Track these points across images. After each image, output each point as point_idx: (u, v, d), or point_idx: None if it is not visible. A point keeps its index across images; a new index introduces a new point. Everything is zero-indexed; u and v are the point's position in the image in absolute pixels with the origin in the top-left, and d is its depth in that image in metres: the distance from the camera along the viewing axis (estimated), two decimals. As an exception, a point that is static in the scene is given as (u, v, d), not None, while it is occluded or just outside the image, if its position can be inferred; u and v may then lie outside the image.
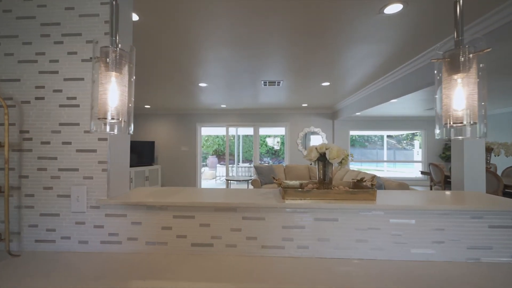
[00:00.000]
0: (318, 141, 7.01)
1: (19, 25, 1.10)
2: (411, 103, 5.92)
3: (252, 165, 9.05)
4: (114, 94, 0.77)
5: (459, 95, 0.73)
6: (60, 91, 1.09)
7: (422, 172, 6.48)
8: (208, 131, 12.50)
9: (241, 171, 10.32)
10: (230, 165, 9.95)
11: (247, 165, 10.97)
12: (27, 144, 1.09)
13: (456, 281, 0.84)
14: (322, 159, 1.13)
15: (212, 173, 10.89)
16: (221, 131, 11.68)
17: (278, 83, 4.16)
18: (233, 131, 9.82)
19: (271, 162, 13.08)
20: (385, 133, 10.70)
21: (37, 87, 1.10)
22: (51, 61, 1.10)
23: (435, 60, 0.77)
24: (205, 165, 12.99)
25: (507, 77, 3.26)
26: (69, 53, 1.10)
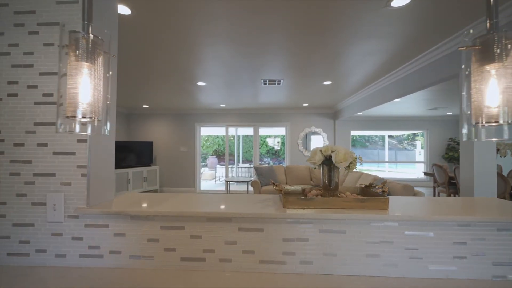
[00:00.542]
0: (319, 142, 6.89)
1: (-11, 13, 0.99)
2: (414, 103, 5.80)
3: (252, 166, 8.94)
4: (85, 88, 0.66)
5: (493, 89, 0.62)
6: (35, 87, 0.98)
7: (425, 173, 6.36)
8: (207, 131, 12.39)
9: (241, 172, 10.21)
10: (230, 166, 9.84)
11: (247, 165, 10.86)
12: (-2, 146, 0.98)
13: (484, 306, 0.72)
14: (327, 162, 1.01)
15: (211, 173, 10.78)
16: (221, 131, 11.57)
17: (278, 82, 4.05)
18: (233, 131, 9.71)
19: (271, 162, 12.97)
20: (387, 133, 10.57)
21: (9, 83, 0.99)
22: (25, 53, 0.99)
23: (462, 48, 0.66)
24: (204, 166, 12.89)
25: None
26: (45, 45, 0.98)
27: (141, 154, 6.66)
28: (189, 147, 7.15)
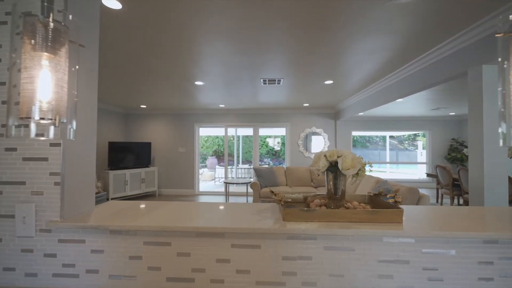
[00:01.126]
0: (319, 142, 6.77)
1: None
2: (416, 103, 5.69)
3: (252, 167, 8.83)
4: (45, 84, 0.55)
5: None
6: (3, 83, 0.87)
7: (428, 174, 6.24)
8: (207, 132, 12.30)
9: (240, 173, 10.10)
10: (229, 167, 9.73)
11: (247, 166, 10.76)
12: (-39, 150, 0.87)
13: None
14: (332, 169, 0.90)
15: (211, 174, 10.67)
16: (220, 132, 11.46)
17: (278, 81, 3.94)
18: (232, 131, 9.60)
19: (271, 163, 12.86)
20: (388, 133, 10.46)
21: (-26, 79, 0.88)
22: (-8, 46, 0.88)
23: (500, 34, 0.55)
24: (204, 166, 12.78)
25: None
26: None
27: (139, 155, 6.55)
28: (187, 148, 7.04)
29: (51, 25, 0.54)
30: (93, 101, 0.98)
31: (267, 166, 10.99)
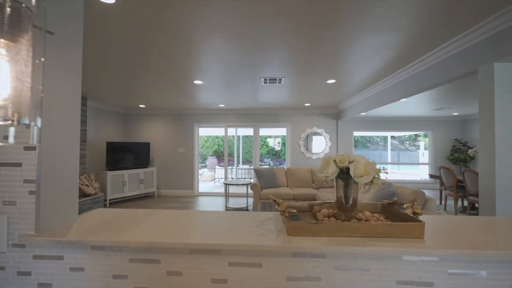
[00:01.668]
0: (320, 142, 6.67)
1: None
2: (419, 103, 5.59)
3: (252, 167, 8.74)
4: (1, 76, 0.45)
5: None
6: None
7: (431, 175, 6.13)
8: (206, 132, 12.21)
9: (241, 173, 10.00)
10: (229, 167, 9.63)
11: (247, 166, 10.67)
12: None
13: None
14: (343, 176, 0.80)
15: (211, 174, 10.58)
16: (220, 132, 11.37)
17: (279, 80, 3.84)
18: (232, 131, 9.51)
19: (271, 163, 12.78)
20: (390, 133, 10.35)
21: None
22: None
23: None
24: (204, 166, 12.69)
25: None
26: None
27: (137, 155, 6.46)
28: (187, 148, 6.95)
29: (8, 5, 0.45)
30: (75, 99, 0.89)
31: (267, 166, 10.90)
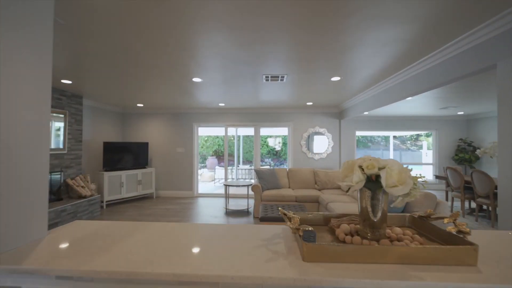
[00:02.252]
0: (323, 142, 6.51)
1: None
2: (425, 102, 5.43)
3: (252, 167, 8.58)
4: None
5: None
6: None
7: (437, 176, 5.97)
8: (206, 132, 12.06)
9: (241, 174, 9.85)
10: (229, 167, 9.47)
11: (247, 167, 10.52)
12: None
13: None
14: (371, 185, 0.64)
15: (211, 175, 10.43)
16: (220, 132, 11.23)
17: (281, 77, 3.68)
18: (232, 131, 9.36)
19: (272, 163, 12.63)
20: (393, 133, 10.19)
21: None
22: None
23: None
24: (204, 167, 12.55)
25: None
26: None
27: (136, 155, 6.32)
28: (186, 148, 6.80)
29: None
30: (43, 97, 0.73)
31: (268, 167, 10.76)
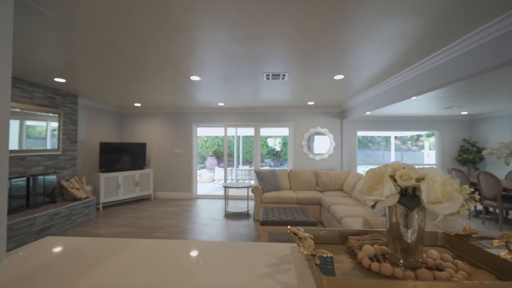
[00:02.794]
0: (325, 143, 6.38)
1: None
2: (429, 101, 5.30)
3: (252, 168, 8.45)
4: None
5: None
6: None
7: (441, 177, 5.83)
8: (205, 132, 11.94)
9: (241, 174, 9.72)
10: (229, 168, 9.33)
11: (247, 167, 10.39)
12: None
13: None
14: (407, 201, 0.51)
15: (210, 175, 10.30)
16: (220, 132, 11.10)
17: (283, 76, 3.55)
18: (232, 131, 9.23)
19: (272, 163, 12.50)
20: (395, 133, 10.06)
21: None
22: None
23: None
24: (203, 167, 12.42)
25: None
26: None
27: (133, 156, 6.18)
28: (185, 148, 6.66)
29: None
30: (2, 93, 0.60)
31: (268, 168, 10.62)
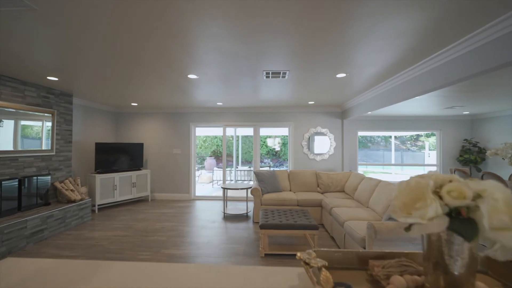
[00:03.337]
0: (325, 143, 6.28)
1: None
2: (430, 100, 5.20)
3: (252, 169, 8.35)
4: None
5: None
6: None
7: (444, 178, 5.74)
8: (204, 132, 11.81)
9: (240, 175, 9.60)
10: (228, 169, 9.22)
11: (246, 168, 10.27)
12: None
13: None
14: (459, 226, 0.40)
15: (209, 176, 10.18)
16: (218, 132, 10.97)
17: (283, 74, 3.44)
18: (231, 131, 9.11)
19: (271, 164, 12.39)
20: (395, 133, 9.98)
21: None
22: None
23: None
24: (202, 168, 12.29)
25: None
26: None
27: (130, 157, 6.05)
28: (183, 149, 6.54)
29: None
30: None
31: (268, 168, 10.51)
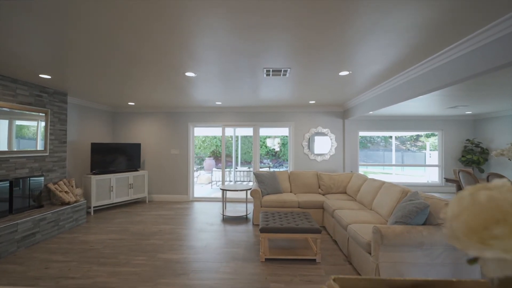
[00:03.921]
0: (326, 143, 6.17)
1: None
2: (433, 100, 5.10)
3: (251, 169, 8.23)
4: None
5: None
6: None
7: (447, 179, 5.65)
8: (203, 132, 11.69)
9: (239, 175, 9.47)
10: (227, 169, 9.09)
11: (246, 168, 10.14)
12: None
13: None
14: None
15: (208, 177, 10.05)
16: (217, 132, 10.85)
17: (284, 72, 3.33)
18: (230, 131, 8.99)
19: (271, 164, 12.28)
20: (397, 133, 9.88)
21: None
22: None
23: None
24: (200, 168, 12.16)
25: None
26: None
27: (127, 157, 5.92)
28: (181, 149, 6.42)
29: None
30: None
31: (268, 169, 10.39)
